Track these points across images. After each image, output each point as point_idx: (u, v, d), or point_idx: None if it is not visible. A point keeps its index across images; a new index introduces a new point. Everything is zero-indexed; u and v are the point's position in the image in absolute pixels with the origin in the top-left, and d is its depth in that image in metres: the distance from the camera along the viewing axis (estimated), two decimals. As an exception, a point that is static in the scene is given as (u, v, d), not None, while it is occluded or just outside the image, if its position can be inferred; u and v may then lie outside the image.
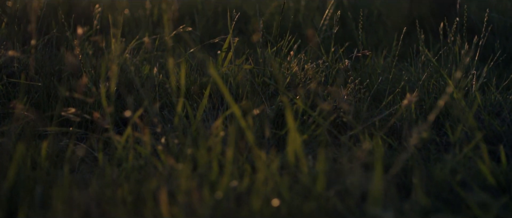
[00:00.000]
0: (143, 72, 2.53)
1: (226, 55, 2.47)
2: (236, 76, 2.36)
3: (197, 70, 2.68)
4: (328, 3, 3.93)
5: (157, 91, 2.32)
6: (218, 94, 2.36)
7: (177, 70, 2.30)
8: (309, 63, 2.49)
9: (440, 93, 2.28)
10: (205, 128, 1.85)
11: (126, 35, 3.46)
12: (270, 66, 2.47)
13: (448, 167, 1.55)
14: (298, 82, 2.44)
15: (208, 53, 3.27)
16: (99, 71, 2.60)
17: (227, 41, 2.39)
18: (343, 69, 2.38)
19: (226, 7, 3.94)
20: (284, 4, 2.90)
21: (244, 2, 4.22)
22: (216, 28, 3.64)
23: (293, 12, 3.66)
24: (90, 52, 2.77)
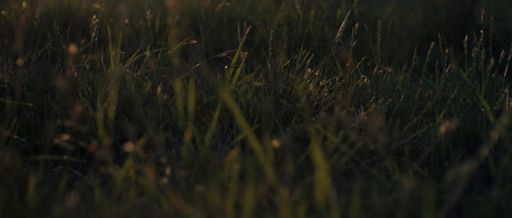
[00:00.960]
0: (144, 89, 2.34)
1: (234, 71, 2.28)
2: (246, 94, 2.17)
3: (202, 87, 2.49)
4: (337, 13, 3.76)
5: (161, 111, 2.13)
6: (226, 113, 2.17)
7: (184, 91, 2.11)
8: (324, 79, 2.31)
9: (468, 114, 2.09)
10: (214, 154, 1.66)
11: (126, 46, 3.28)
12: (283, 83, 2.28)
13: (493, 205, 1.36)
14: (312, 101, 2.25)
15: (214, 66, 3.08)
16: (97, 88, 2.41)
17: (236, 56, 2.20)
18: (361, 87, 2.20)
19: (231, 18, 3.76)
20: (299, 17, 2.71)
21: (249, 12, 4.04)
22: (221, 39, 3.45)
23: (301, 23, 3.47)
24: (87, 67, 2.58)
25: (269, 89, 2.24)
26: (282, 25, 3.48)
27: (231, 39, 3.49)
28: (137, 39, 3.42)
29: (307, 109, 2.01)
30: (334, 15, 3.75)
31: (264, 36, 3.47)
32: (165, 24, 3.64)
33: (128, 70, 2.51)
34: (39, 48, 3.13)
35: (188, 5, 3.88)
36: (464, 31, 3.36)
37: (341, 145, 1.61)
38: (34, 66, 2.61)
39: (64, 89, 1.69)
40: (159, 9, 3.85)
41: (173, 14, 3.44)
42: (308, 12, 3.71)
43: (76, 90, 2.39)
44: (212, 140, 1.88)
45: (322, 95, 2.22)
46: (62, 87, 1.63)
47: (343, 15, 3.72)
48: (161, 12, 3.76)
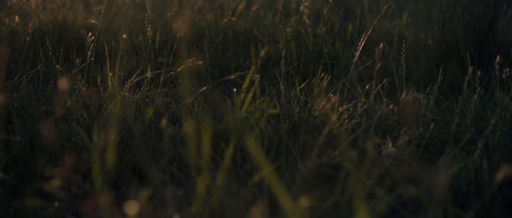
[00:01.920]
0: (145, 115, 2.12)
1: (245, 95, 2.06)
2: (259, 122, 1.95)
3: (209, 111, 2.27)
4: (349, 28, 3.55)
5: (165, 144, 1.91)
6: (237, 143, 1.95)
7: (192, 120, 1.90)
8: (344, 104, 2.09)
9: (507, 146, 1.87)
10: (230, 201, 1.44)
11: (124, 64, 3.06)
12: (299, 109, 2.06)
13: None
14: (331, 129, 2.04)
15: (219, 85, 2.86)
16: (93, 115, 2.19)
17: (248, 80, 1.99)
18: (386, 114, 1.98)
19: (235, 32, 3.55)
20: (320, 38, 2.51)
21: (254, 25, 3.83)
22: (226, 56, 3.24)
23: (311, 38, 3.26)
24: (82, 89, 2.36)
25: (284, 115, 2.02)
26: (291, 41, 3.27)
27: (236, 56, 3.28)
28: (136, 56, 3.21)
29: (352, 168, 1.79)
30: (345, 30, 3.54)
31: (271, 52, 3.26)
32: (166, 39, 3.42)
33: (127, 93, 2.30)
34: (31, 66, 2.91)
35: (190, 19, 3.67)
36: (485, 47, 3.16)
37: (377, 188, 1.39)
38: (25, 88, 2.39)
39: (51, 139, 1.48)
40: (159, 23, 3.63)
41: (175, 29, 3.22)
42: (317, 27, 3.50)
43: (71, 117, 2.17)
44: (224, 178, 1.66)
45: (342, 123, 2.01)
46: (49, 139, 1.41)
47: (354, 30, 3.52)
48: (161, 26, 3.55)
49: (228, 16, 3.83)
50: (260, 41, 3.55)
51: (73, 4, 3.82)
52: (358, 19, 3.00)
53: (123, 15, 3.51)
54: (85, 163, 1.85)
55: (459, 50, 3.13)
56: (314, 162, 1.75)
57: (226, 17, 3.86)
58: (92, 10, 4.09)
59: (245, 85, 1.98)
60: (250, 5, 4.21)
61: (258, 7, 3.67)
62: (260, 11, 3.30)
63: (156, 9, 3.95)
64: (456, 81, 2.97)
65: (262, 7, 3.97)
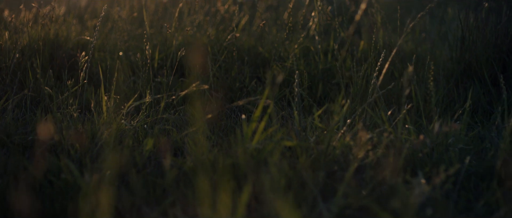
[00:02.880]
0: (144, 147, 1.90)
1: (257, 124, 1.84)
2: (272, 154, 1.73)
3: (215, 141, 2.05)
4: (360, 44, 3.34)
5: (167, 178, 1.68)
6: (245, 174, 1.73)
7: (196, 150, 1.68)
8: (368, 134, 1.87)
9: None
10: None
11: (121, 85, 2.84)
12: (317, 140, 1.84)
13: None
14: (353, 161, 1.82)
15: (224, 105, 2.64)
16: (86, 145, 1.97)
17: (260, 108, 1.77)
18: (417, 146, 1.76)
19: (239, 50, 3.33)
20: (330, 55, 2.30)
21: (258, 41, 3.62)
22: (230, 75, 3.02)
23: (321, 55, 3.04)
24: (74, 115, 2.14)
25: (302, 149, 1.80)
26: (300, 58, 3.06)
27: (241, 75, 3.06)
28: (134, 76, 2.98)
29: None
30: (357, 46, 3.33)
31: (278, 70, 3.04)
32: (165, 57, 3.20)
33: (124, 120, 2.07)
34: (20, 87, 2.69)
35: (191, 36, 3.45)
36: (508, 66, 2.95)
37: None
38: (11, 114, 2.17)
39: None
40: (158, 38, 3.42)
41: (176, 47, 3.01)
42: (327, 42, 3.29)
43: (61, 148, 1.95)
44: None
45: (366, 155, 1.79)
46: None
47: (366, 47, 3.31)
48: (160, 43, 3.33)
49: (232, 32, 3.61)
50: (266, 59, 3.34)
51: (67, 19, 3.61)
52: (374, 36, 2.79)
53: (119, 30, 3.30)
54: (76, 204, 1.63)
55: (481, 69, 2.92)
56: (338, 203, 1.53)
57: (228, 32, 3.65)
58: (86, 25, 3.88)
59: (257, 113, 1.76)
60: (253, 20, 4.00)
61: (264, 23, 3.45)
62: (265, 26, 3.09)
63: (154, 23, 3.73)
64: (478, 103, 2.76)
65: (266, 22, 3.76)
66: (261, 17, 3.92)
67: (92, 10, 4.03)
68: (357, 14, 3.49)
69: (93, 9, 4.10)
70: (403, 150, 1.73)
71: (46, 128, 2.03)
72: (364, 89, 2.71)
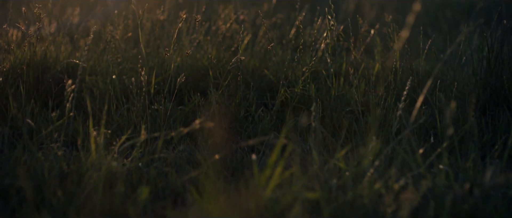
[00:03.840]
0: (139, 196, 1.62)
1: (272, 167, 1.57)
2: (291, 207, 1.46)
3: (222, 184, 1.77)
4: (375, 67, 3.08)
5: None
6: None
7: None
8: (402, 181, 1.60)
9: None
10: None
11: (112, 114, 2.57)
12: (340, 187, 1.57)
13: None
14: (383, 212, 1.55)
15: (232, 145, 2.36)
16: (71, 190, 1.69)
17: (276, 153, 1.49)
18: (459, 195, 1.49)
19: (242, 72, 3.06)
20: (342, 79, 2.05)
21: (263, 62, 3.35)
22: (234, 101, 2.75)
23: (333, 79, 2.78)
24: (59, 153, 1.86)
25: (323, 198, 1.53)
26: (309, 83, 2.79)
27: (245, 101, 2.79)
28: (128, 102, 2.71)
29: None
30: (369, 68, 3.07)
31: (287, 95, 2.77)
32: (163, 81, 2.94)
33: (116, 160, 1.80)
34: (1, 117, 2.42)
35: (190, 57, 3.19)
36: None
37: None
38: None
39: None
40: (155, 60, 3.15)
41: (175, 72, 2.74)
42: (337, 64, 3.02)
43: (41, 196, 1.67)
44: None
45: (399, 206, 1.51)
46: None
47: (380, 69, 3.05)
48: (157, 65, 3.06)
49: (234, 53, 3.35)
50: (272, 82, 3.07)
51: (57, 38, 3.34)
52: (395, 62, 2.54)
53: (112, 51, 3.03)
54: None
55: (507, 95, 2.67)
56: None
57: (230, 53, 3.38)
58: (78, 45, 3.61)
59: (272, 158, 1.48)
60: (255, 38, 3.74)
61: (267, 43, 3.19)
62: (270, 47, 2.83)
63: (151, 43, 3.47)
64: (509, 132, 2.49)
65: (269, 41, 3.50)
66: (265, 37, 3.66)
67: (84, 28, 3.76)
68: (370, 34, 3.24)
69: (85, 27, 3.83)
70: (446, 201, 1.45)
71: (26, 171, 1.76)
72: (383, 118, 2.45)
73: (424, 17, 6.47)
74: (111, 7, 5.15)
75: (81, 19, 4.54)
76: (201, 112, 2.53)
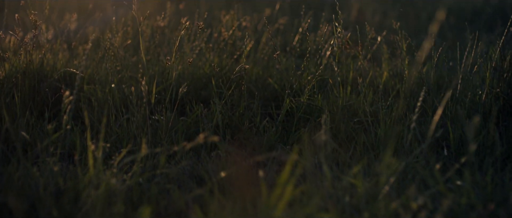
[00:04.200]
0: (140, 216, 1.52)
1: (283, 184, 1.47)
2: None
3: (226, 202, 1.67)
4: (383, 75, 2.98)
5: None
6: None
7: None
8: (420, 199, 1.50)
9: None
10: None
11: (112, 125, 2.47)
12: (356, 205, 1.47)
13: None
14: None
15: (234, 149, 2.26)
16: (67, 209, 1.59)
17: (287, 173, 1.39)
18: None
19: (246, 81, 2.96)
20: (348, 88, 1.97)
21: (266, 70, 3.26)
22: (237, 111, 2.65)
23: (339, 87, 2.68)
24: (55, 169, 1.76)
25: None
26: (315, 92, 2.69)
27: (249, 111, 2.69)
28: (128, 113, 2.61)
29: None
30: (377, 78, 2.97)
31: (292, 106, 2.68)
32: (164, 90, 2.84)
33: (115, 178, 1.70)
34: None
35: (192, 65, 3.09)
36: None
37: None
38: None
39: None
40: (155, 68, 3.06)
41: (178, 81, 2.64)
42: (344, 72, 2.92)
43: (36, 215, 1.57)
44: None
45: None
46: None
47: (388, 78, 2.95)
48: (158, 73, 2.96)
49: (238, 62, 3.24)
50: (276, 91, 2.97)
51: (54, 46, 3.24)
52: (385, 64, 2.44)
53: (111, 59, 2.94)
54: None
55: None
56: None
57: (233, 61, 3.29)
58: (76, 52, 3.51)
59: (283, 177, 1.38)
60: (258, 45, 3.65)
61: (270, 50, 3.09)
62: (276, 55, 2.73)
63: (150, 50, 3.37)
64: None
65: (274, 48, 3.41)
66: (269, 44, 3.57)
67: (82, 35, 3.67)
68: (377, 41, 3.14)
69: (83, 34, 3.74)
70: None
71: (20, 188, 1.66)
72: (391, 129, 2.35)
73: (426, 22, 6.38)
74: (109, 13, 5.05)
75: (79, 26, 4.45)
76: (204, 123, 2.44)
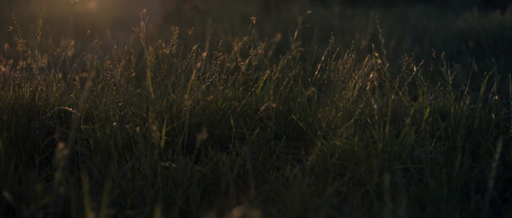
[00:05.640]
0: None
1: None
2: None
3: None
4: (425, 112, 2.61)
5: None
6: None
7: None
8: None
9: None
10: None
11: (112, 176, 2.08)
12: None
13: None
14: None
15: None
16: None
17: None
18: None
19: (263, 117, 2.60)
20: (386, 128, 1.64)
21: (285, 104, 2.89)
22: (261, 157, 2.27)
23: (381, 132, 2.31)
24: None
25: None
26: (353, 134, 2.32)
27: (272, 154, 2.31)
28: (132, 158, 2.23)
29: None
30: (416, 114, 2.60)
31: (325, 151, 2.30)
32: (174, 132, 2.47)
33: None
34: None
35: (202, 98, 2.72)
36: None
37: None
38: None
39: None
40: (163, 102, 2.68)
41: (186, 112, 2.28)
42: (383, 108, 2.55)
43: None
44: None
45: None
46: None
47: (424, 111, 2.58)
48: (166, 108, 2.59)
49: (253, 94, 2.87)
50: (300, 129, 2.60)
51: (47, 77, 2.87)
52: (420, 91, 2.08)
53: (112, 93, 2.57)
54: None
55: None
56: None
57: (250, 94, 2.91)
58: (72, 82, 3.13)
59: None
60: (273, 73, 3.28)
61: (287, 80, 2.73)
62: (311, 92, 2.37)
63: (157, 79, 2.99)
64: None
65: (303, 84, 3.04)
66: (285, 73, 3.21)
67: (79, 64, 3.30)
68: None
69: (81, 63, 3.37)
70: None
71: None
72: (448, 179, 1.98)
73: (442, 48, 6.03)
74: (109, 37, 4.70)
75: (76, 52, 4.09)
76: (223, 172, 2.06)
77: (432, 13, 9.67)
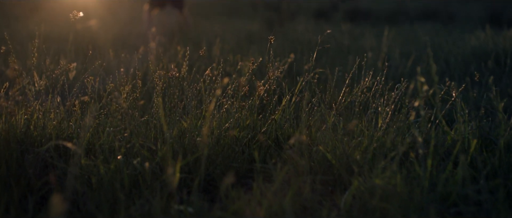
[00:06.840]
0: None
1: None
2: None
3: None
4: (471, 145, 2.32)
5: None
6: None
7: None
8: None
9: None
10: None
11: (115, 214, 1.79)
12: None
13: None
14: None
15: None
16: None
17: None
18: None
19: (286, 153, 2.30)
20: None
21: (308, 133, 2.60)
22: (288, 196, 1.98)
23: (428, 172, 2.02)
24: None
25: None
26: (393, 170, 2.03)
27: (301, 194, 2.02)
28: (140, 198, 1.94)
29: None
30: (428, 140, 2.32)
31: (366, 197, 2.01)
32: (188, 168, 2.18)
33: None
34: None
35: (218, 127, 2.43)
36: None
37: None
38: None
39: None
40: (174, 132, 2.39)
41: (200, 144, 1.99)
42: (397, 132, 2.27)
43: None
44: None
45: None
46: None
47: (478, 147, 2.29)
48: (176, 140, 2.31)
49: (272, 121, 2.58)
50: (332, 166, 2.30)
51: (44, 103, 2.59)
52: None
53: (117, 123, 2.28)
54: None
55: None
56: None
57: (270, 120, 2.62)
58: (72, 108, 2.85)
59: None
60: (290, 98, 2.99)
61: (307, 105, 2.43)
62: (352, 126, 2.08)
63: (166, 105, 2.71)
64: None
65: (313, 103, 2.76)
66: (312, 102, 2.92)
67: (80, 88, 3.02)
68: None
69: (82, 84, 3.09)
70: None
71: None
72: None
73: (456, 67, 5.74)
74: (112, 57, 4.42)
75: (77, 74, 3.81)
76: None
77: (439, 30, 9.43)
